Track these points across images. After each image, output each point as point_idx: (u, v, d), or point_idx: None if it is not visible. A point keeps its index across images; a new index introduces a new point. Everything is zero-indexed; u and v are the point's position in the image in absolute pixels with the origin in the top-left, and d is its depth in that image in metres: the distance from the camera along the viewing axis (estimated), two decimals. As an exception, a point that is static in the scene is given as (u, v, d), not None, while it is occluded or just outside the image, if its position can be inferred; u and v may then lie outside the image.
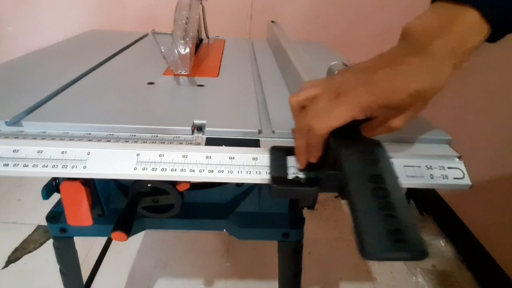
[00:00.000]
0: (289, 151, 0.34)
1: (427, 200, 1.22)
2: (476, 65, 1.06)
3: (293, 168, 0.33)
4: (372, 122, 0.30)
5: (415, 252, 0.21)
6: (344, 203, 1.31)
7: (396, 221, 0.22)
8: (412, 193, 1.25)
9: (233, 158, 0.34)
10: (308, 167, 0.32)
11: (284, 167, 0.33)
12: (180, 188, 0.43)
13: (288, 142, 0.37)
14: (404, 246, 0.21)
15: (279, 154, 0.33)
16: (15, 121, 0.38)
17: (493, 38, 0.27)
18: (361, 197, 0.24)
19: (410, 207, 0.24)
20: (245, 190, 0.54)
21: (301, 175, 0.32)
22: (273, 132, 0.39)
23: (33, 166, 0.32)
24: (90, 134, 0.36)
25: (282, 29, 0.78)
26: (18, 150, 0.33)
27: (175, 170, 0.33)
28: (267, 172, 0.33)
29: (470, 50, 0.27)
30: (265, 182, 0.33)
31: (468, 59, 0.27)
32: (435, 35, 0.26)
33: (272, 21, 0.88)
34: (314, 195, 0.31)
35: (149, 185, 0.43)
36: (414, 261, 0.24)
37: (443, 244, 1.11)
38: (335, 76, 0.32)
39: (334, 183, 0.29)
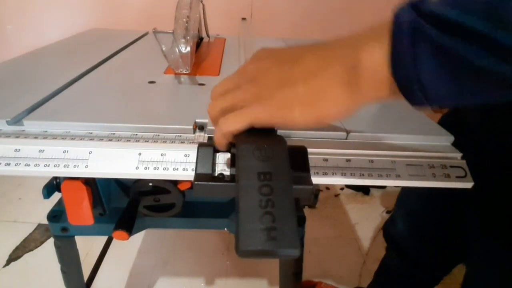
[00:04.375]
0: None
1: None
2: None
3: (221, 165, 0.32)
4: None
5: (286, 249, 0.21)
6: (344, 201, 1.32)
7: (273, 219, 0.22)
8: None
9: (235, 157, 0.34)
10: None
11: (210, 164, 0.31)
12: (181, 187, 0.43)
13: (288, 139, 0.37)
14: (274, 243, 0.21)
15: (206, 151, 0.32)
16: (16, 120, 0.38)
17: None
18: (246, 194, 0.23)
19: (293, 204, 0.23)
20: (246, 189, 0.54)
21: (226, 172, 0.31)
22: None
23: (34, 166, 0.32)
24: (91, 133, 0.36)
25: (251, 27, 0.76)
26: (19, 150, 0.33)
27: (177, 169, 0.33)
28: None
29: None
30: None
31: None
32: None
33: (243, 18, 0.86)
34: (235, 191, 0.28)
35: (150, 184, 0.43)
36: (287, 258, 0.24)
37: (443, 243, 1.12)
38: (256, 64, 0.31)
39: None
